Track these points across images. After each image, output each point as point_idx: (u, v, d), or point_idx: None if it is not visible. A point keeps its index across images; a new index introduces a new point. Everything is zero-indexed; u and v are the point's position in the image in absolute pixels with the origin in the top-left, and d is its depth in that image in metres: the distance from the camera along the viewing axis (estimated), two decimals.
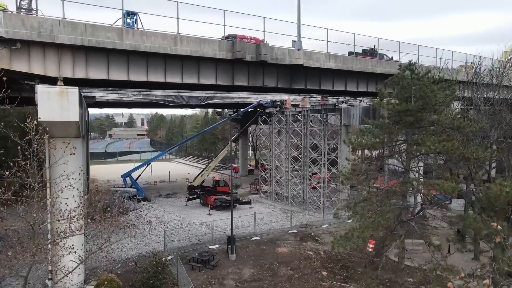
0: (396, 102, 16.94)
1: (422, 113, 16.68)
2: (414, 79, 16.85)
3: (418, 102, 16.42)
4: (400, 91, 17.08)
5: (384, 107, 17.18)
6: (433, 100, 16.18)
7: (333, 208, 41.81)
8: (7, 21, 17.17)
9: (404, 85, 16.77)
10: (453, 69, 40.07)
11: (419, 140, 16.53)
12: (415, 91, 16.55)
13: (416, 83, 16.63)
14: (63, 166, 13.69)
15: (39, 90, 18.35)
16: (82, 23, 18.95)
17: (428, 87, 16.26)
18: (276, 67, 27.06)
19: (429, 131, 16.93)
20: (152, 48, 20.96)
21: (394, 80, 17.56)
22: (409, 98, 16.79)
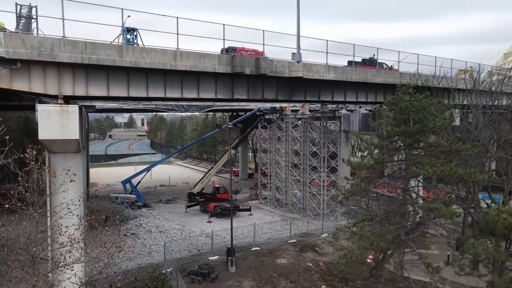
0: (395, 121, 16.99)
1: (420, 135, 16.78)
2: (412, 101, 16.92)
3: (416, 125, 16.51)
4: (399, 112, 17.14)
5: (383, 129, 17.25)
6: (431, 123, 16.26)
7: (332, 215, 41.97)
8: (8, 41, 17.23)
9: (403, 107, 16.84)
10: (452, 78, 40.16)
11: (418, 162, 16.62)
12: (413, 113, 16.65)
13: (415, 104, 16.71)
14: (63, 193, 13.73)
15: (39, 109, 18.41)
16: (82, 41, 19.00)
17: (427, 110, 16.34)
18: (276, 79, 27.12)
19: (428, 153, 17.05)
20: (152, 64, 21.01)
21: (393, 101, 17.63)
22: (407, 120, 16.87)
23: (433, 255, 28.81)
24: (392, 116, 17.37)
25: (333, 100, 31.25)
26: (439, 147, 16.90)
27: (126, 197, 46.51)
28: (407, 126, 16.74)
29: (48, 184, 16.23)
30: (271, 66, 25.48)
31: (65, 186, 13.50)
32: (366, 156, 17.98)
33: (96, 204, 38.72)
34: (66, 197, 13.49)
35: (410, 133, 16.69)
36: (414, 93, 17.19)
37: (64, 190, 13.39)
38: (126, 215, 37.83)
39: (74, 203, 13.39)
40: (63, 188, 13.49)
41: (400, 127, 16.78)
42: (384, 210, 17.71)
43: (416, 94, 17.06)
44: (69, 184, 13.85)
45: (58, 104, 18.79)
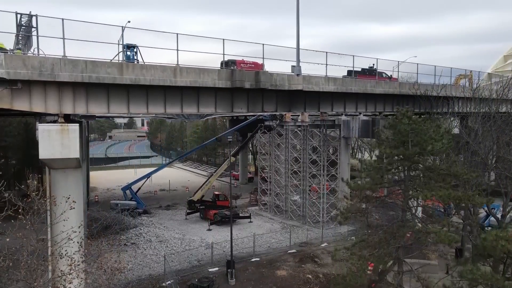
0: (394, 142, 17.09)
1: (419, 157, 16.90)
2: (411, 124, 17.00)
3: (415, 148, 16.61)
4: (398, 134, 17.23)
5: (382, 152, 17.36)
6: (430, 146, 16.35)
7: (332, 222, 42.10)
8: (8, 62, 17.32)
9: (401, 130, 16.94)
10: (452, 86, 40.28)
11: (416, 185, 16.73)
12: (412, 135, 16.76)
13: (413, 127, 16.80)
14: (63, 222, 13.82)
15: (40, 128, 18.51)
16: (83, 60, 19.08)
17: (425, 134, 16.44)
18: (276, 92, 27.21)
19: (426, 175, 17.17)
20: (152, 81, 21.10)
21: (392, 123, 17.73)
22: (406, 141, 16.97)
23: (432, 266, 28.96)
24: (391, 137, 17.46)
25: (332, 111, 31.38)
26: (437, 170, 17.01)
27: (126, 204, 46.61)
28: (406, 148, 16.85)
29: (49, 213, 16.31)
30: (270, 80, 25.59)
31: (66, 214, 13.56)
32: (365, 178, 18.08)
33: (96, 213, 38.85)
34: (67, 225, 13.58)
35: (408, 156, 16.80)
36: (413, 116, 17.25)
37: (65, 219, 13.46)
38: (126, 224, 37.93)
39: (74, 230, 13.45)
40: (63, 216, 13.56)
41: (398, 149, 16.88)
42: (383, 231, 17.83)
43: (415, 117, 17.15)
44: (69, 212, 13.91)
45: (59, 123, 18.87)
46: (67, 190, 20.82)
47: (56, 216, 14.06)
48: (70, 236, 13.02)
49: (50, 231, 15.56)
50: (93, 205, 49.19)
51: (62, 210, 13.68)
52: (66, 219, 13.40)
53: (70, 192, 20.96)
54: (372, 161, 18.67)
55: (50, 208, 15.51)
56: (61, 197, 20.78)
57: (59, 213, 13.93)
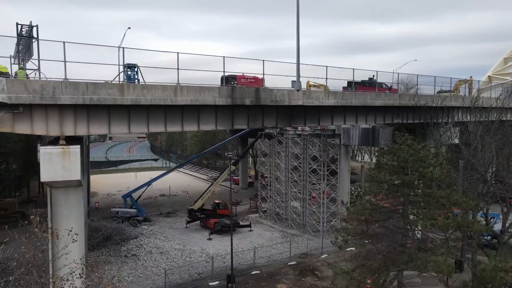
0: (393, 168, 17.21)
1: (418, 185, 17.02)
2: (411, 151, 17.11)
3: (414, 176, 16.73)
4: (397, 161, 17.34)
5: (381, 179, 17.47)
6: (429, 174, 16.46)
7: (332, 231, 42.21)
8: (10, 87, 17.40)
9: (401, 158, 17.04)
10: (452, 96, 40.35)
11: (415, 212, 16.85)
12: (411, 162, 16.87)
13: (412, 153, 16.91)
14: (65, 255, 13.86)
15: (42, 151, 18.59)
16: (84, 82, 19.17)
17: (425, 161, 16.55)
18: (276, 107, 27.26)
19: (425, 202, 17.28)
20: (152, 100, 21.17)
21: (391, 150, 17.84)
22: (405, 168, 17.08)
23: (432, 277, 29.10)
24: (390, 163, 17.57)
25: (332, 124, 31.47)
26: (436, 197, 17.12)
27: (127, 212, 46.78)
28: (405, 175, 16.97)
29: (51, 246, 16.39)
30: (270, 96, 25.70)
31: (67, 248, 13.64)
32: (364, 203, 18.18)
33: (97, 222, 38.97)
34: (69, 258, 13.67)
35: (408, 182, 16.92)
36: (412, 143, 17.36)
37: (67, 253, 13.55)
38: (127, 234, 38.05)
39: (76, 262, 13.53)
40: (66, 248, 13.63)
41: (398, 175, 17.00)
42: (383, 256, 17.93)
43: (414, 145, 17.26)
44: (71, 245, 13.99)
45: (60, 146, 18.94)
46: (68, 208, 21.06)
47: (58, 250, 14.13)
48: (72, 269, 13.07)
49: (51, 266, 15.62)
50: (94, 212, 49.34)
51: (64, 244, 13.75)
52: (68, 253, 13.45)
53: (71, 210, 21.24)
54: (371, 186, 18.79)
55: (52, 241, 15.59)
56: (62, 216, 21.16)
57: (61, 246, 14.01)
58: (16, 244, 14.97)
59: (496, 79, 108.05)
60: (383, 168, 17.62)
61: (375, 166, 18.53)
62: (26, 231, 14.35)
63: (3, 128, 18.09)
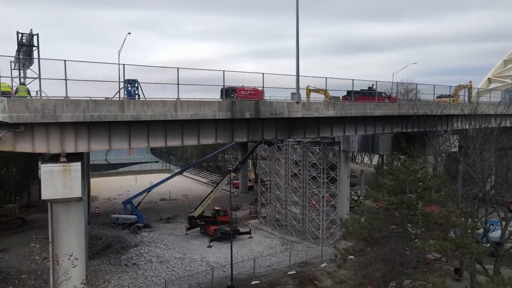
0: (392, 188, 17.34)
1: (416, 205, 17.15)
2: (409, 172, 17.24)
3: (413, 197, 16.86)
4: (396, 181, 17.48)
5: (380, 199, 17.61)
6: (427, 196, 16.60)
7: (332, 238, 42.37)
8: (11, 106, 17.51)
9: (400, 179, 17.17)
10: (451, 105, 40.45)
11: (414, 233, 16.99)
12: (410, 183, 17.01)
13: (411, 174, 17.04)
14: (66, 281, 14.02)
15: (43, 169, 18.71)
16: (85, 100, 19.30)
17: (424, 183, 16.68)
18: (276, 119, 27.38)
19: (424, 223, 17.42)
20: (153, 116, 21.29)
21: (390, 171, 17.97)
22: (404, 188, 17.22)
23: None
24: (389, 183, 17.71)
25: (332, 135, 31.58)
26: (434, 218, 17.24)
27: (127, 218, 46.96)
28: (404, 195, 17.10)
29: (52, 274, 16.53)
30: (270, 109, 25.82)
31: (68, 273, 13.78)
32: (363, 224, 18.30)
33: (98, 230, 39.11)
34: (69, 283, 13.81)
35: (407, 203, 17.05)
36: (411, 164, 17.50)
37: (67, 279, 13.69)
38: (127, 243, 38.19)
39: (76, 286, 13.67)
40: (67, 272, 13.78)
41: (397, 196, 17.13)
42: (382, 274, 18.07)
43: (412, 166, 17.39)
44: (71, 270, 14.13)
45: (61, 163, 19.06)
46: (68, 223, 21.19)
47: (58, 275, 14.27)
48: None
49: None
50: (94, 218, 49.50)
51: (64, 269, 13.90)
52: (68, 279, 13.59)
53: (72, 225, 21.37)
54: (371, 206, 18.91)
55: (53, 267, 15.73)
56: (63, 231, 21.30)
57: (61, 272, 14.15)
58: (17, 251, 15.09)
59: (496, 81, 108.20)
60: (382, 188, 17.76)
61: (374, 184, 18.65)
62: (26, 238, 14.47)
63: (5, 147, 18.20)
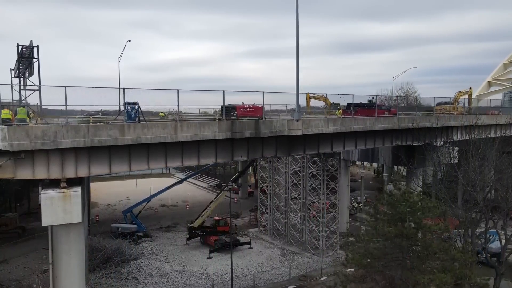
0: (391, 218, 17.39)
1: (416, 237, 17.20)
2: (408, 203, 17.29)
3: (412, 229, 16.91)
4: (395, 211, 17.52)
5: (380, 229, 17.64)
6: (427, 227, 16.64)
7: (332, 249, 42.46)
8: (12, 134, 17.56)
9: (399, 210, 17.21)
10: (450, 116, 40.49)
11: (414, 265, 17.03)
12: (409, 213, 17.06)
13: (410, 205, 17.09)
14: None
15: (43, 196, 18.77)
16: (85, 125, 19.35)
17: (423, 213, 16.74)
18: (276, 137, 27.43)
19: (424, 255, 17.45)
20: (153, 139, 21.35)
21: (389, 202, 18.01)
22: (403, 218, 17.26)
23: None
24: (389, 212, 17.75)
25: (332, 150, 31.62)
26: (434, 250, 17.28)
27: (127, 227, 47.02)
28: (403, 227, 17.15)
29: None
30: (270, 127, 25.84)
31: None
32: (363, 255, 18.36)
33: (98, 242, 39.17)
34: None
35: (406, 235, 17.11)
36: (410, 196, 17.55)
37: None
38: (127, 256, 38.23)
39: None
40: None
41: (396, 226, 17.18)
42: None
43: (412, 197, 17.43)
44: None
45: (61, 190, 19.13)
46: (68, 244, 21.29)
47: None
48: None
49: None
50: (94, 226, 49.60)
51: None
52: None
53: (72, 245, 21.45)
54: (370, 235, 18.96)
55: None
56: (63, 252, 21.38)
57: None
58: (17, 263, 15.08)
59: (495, 84, 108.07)
60: (381, 219, 17.80)
61: (373, 212, 18.70)
62: (26, 248, 14.48)
63: (5, 174, 18.26)
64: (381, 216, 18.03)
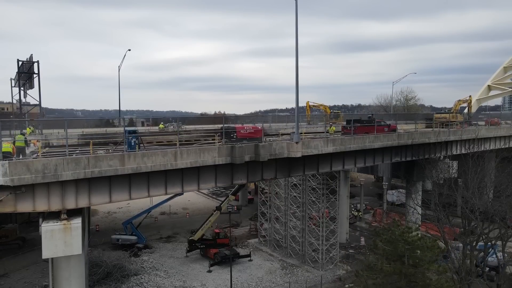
0: (391, 255, 17.51)
1: (415, 275, 17.31)
2: (406, 241, 17.41)
3: (411, 269, 17.02)
4: (393, 248, 17.64)
5: (379, 266, 17.75)
6: (425, 265, 16.75)
7: (331, 262, 42.59)
8: (13, 169, 17.67)
9: (398, 248, 17.33)
10: (450, 131, 40.56)
11: None
12: (408, 251, 17.17)
13: (409, 242, 17.21)
14: None
15: (44, 229, 18.89)
16: (85, 157, 19.45)
17: (421, 252, 16.84)
18: (275, 160, 27.50)
19: None
20: (153, 167, 21.49)
21: (389, 239, 18.13)
22: (402, 255, 17.38)
23: None
24: (388, 248, 17.86)
25: (331, 170, 31.71)
26: None
27: (127, 239, 47.22)
28: (402, 263, 17.26)
29: None
30: (269, 151, 25.94)
31: None
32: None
33: (97, 258, 39.29)
34: None
35: (405, 273, 17.22)
36: (408, 235, 17.67)
37: None
38: (127, 271, 38.32)
39: None
40: None
41: (396, 263, 17.30)
42: None
43: (410, 237, 17.55)
44: None
45: (62, 223, 19.22)
46: (69, 271, 21.48)
47: None
48: None
49: None
50: (95, 236, 49.73)
51: None
52: None
53: (72, 273, 21.66)
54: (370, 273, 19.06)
55: None
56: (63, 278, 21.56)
57: None
58: (18, 276, 15.14)
59: (495, 88, 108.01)
60: (380, 256, 17.92)
61: (373, 246, 18.80)
62: (27, 260, 14.56)
63: (6, 208, 18.37)
64: (380, 251, 18.15)
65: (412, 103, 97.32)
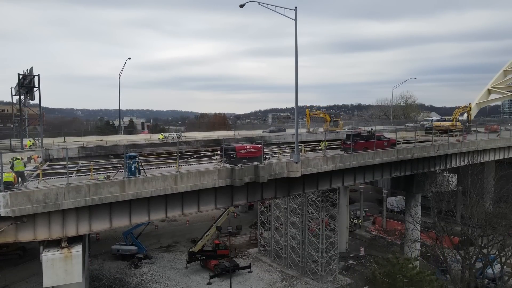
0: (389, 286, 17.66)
1: None
2: (405, 276, 17.54)
3: None
4: (392, 281, 17.76)
5: None
6: None
7: (331, 274, 42.74)
8: (13, 200, 17.74)
9: (397, 282, 17.46)
10: (449, 144, 40.63)
11: None
12: (407, 285, 17.30)
13: (407, 275, 17.35)
14: None
15: (44, 258, 18.95)
16: (86, 185, 19.53)
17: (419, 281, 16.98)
18: (275, 180, 27.57)
19: None
20: (153, 192, 21.57)
21: (389, 273, 18.25)
22: None
23: None
24: (387, 280, 17.99)
25: (331, 187, 31.81)
26: None
27: (128, 249, 47.36)
28: None
29: None
30: (269, 171, 26.03)
31: None
32: None
33: (98, 271, 39.42)
34: None
35: None
36: (408, 270, 17.81)
37: None
38: (127, 285, 38.43)
39: None
40: None
41: None
42: None
43: (410, 271, 17.68)
44: None
45: (63, 251, 19.29)
46: None
47: None
48: None
49: None
50: (95, 246, 49.84)
51: None
52: None
53: None
54: None
55: None
56: None
57: None
58: None
59: (495, 92, 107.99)
60: None
61: (372, 277, 18.93)
62: (28, 271, 14.60)
63: (7, 238, 18.46)
64: (379, 283, 18.28)
65: (411, 102, 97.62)
